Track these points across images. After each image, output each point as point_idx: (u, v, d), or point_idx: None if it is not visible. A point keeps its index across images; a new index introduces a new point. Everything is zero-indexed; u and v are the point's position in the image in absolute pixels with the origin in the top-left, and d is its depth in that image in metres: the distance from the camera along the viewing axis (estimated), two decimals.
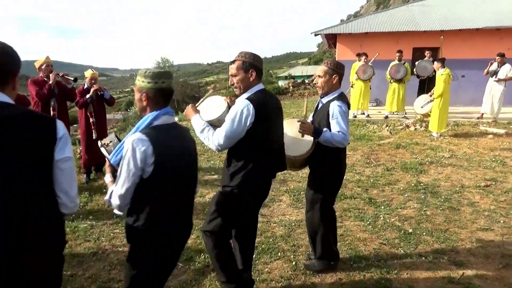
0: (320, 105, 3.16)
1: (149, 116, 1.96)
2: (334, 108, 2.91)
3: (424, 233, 3.91)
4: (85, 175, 5.89)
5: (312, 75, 32.44)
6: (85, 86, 5.80)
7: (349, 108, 3.03)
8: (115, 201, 1.94)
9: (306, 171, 6.03)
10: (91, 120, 5.71)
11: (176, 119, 13.31)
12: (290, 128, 3.06)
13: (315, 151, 2.97)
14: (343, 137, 2.85)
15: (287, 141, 2.95)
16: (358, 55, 10.93)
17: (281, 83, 37.25)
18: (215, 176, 5.97)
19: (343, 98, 3.00)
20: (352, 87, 11.07)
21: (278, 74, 73.98)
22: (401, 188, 5.24)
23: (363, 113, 10.92)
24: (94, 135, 5.66)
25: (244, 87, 2.55)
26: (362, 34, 13.47)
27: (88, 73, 5.87)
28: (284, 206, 4.72)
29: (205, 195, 5.15)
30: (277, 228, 4.11)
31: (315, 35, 14.36)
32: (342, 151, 3.10)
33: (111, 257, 3.60)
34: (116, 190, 1.93)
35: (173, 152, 1.95)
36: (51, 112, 5.15)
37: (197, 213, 4.53)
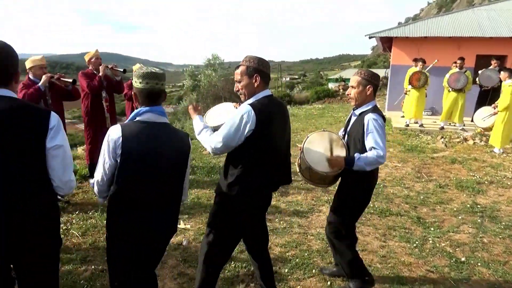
0: (353, 118, 2.89)
1: (134, 112, 2.07)
2: (370, 121, 2.65)
3: (479, 264, 3.49)
4: None
5: None
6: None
7: (384, 121, 2.75)
8: (94, 187, 2.08)
9: None
10: None
11: None
12: (321, 141, 2.84)
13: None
14: (377, 155, 2.58)
15: (317, 156, 2.77)
16: (415, 60, 10.34)
17: (331, 85, 36.47)
18: None
19: (378, 111, 2.74)
20: (406, 94, 10.49)
21: (329, 76, 72.67)
22: (455, 209, 4.78)
23: (416, 122, 10.29)
24: None
25: (248, 93, 2.39)
26: (420, 38, 12.71)
27: (136, 67, 5.92)
28: (324, 218, 4.44)
29: None
30: (314, 241, 3.86)
31: (370, 37, 13.78)
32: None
33: None
34: (95, 175, 2.04)
35: (143, 148, 1.96)
36: (104, 104, 5.25)
37: None
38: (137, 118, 2.03)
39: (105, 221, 4.10)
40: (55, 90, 4.54)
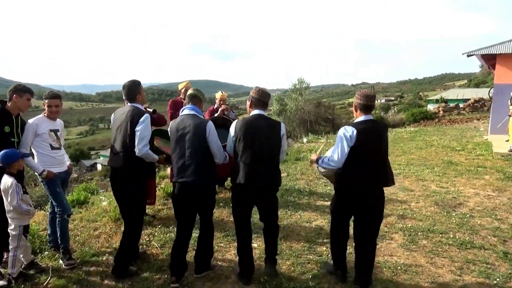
0: None
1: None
2: (338, 132, 3.26)
3: None
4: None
5: (469, 99, 28.83)
6: (215, 106, 6.37)
7: (360, 133, 3.12)
8: None
9: (431, 208, 5.38)
10: None
11: (305, 140, 13.47)
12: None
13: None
14: (327, 158, 3.25)
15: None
16: None
17: (430, 106, 34.24)
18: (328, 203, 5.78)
19: (355, 125, 3.20)
20: (510, 115, 9.49)
21: (429, 97, 68.00)
22: None
23: None
24: None
25: (248, 112, 3.59)
26: None
27: (218, 94, 6.43)
28: (395, 246, 4.26)
29: (312, 221, 5.03)
30: (379, 269, 3.73)
31: (468, 56, 12.77)
32: (357, 169, 3.19)
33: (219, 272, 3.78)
34: None
35: (177, 127, 3.44)
36: None
37: (298, 239, 4.46)
38: (181, 113, 3.57)
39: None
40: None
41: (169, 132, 3.54)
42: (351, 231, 3.51)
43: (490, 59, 13.56)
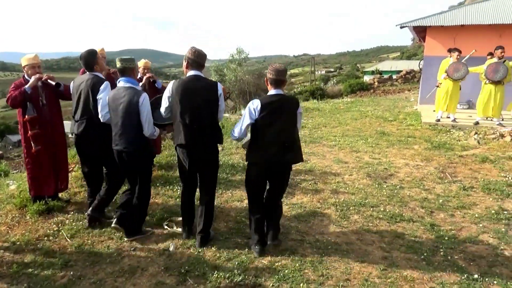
0: None
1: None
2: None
3: (495, 282, 3.03)
4: None
5: (401, 71, 30.08)
6: (139, 76, 5.75)
7: (265, 107, 3.18)
8: None
9: (364, 181, 5.33)
10: None
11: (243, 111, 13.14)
12: None
13: None
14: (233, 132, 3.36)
15: None
16: (450, 50, 9.61)
17: (366, 78, 35.42)
18: None
19: (264, 98, 3.26)
20: (438, 86, 9.80)
21: (366, 68, 70.59)
22: (477, 215, 4.27)
23: (449, 117, 9.58)
24: None
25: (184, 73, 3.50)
26: (457, 27, 11.83)
27: (141, 63, 5.80)
28: (326, 223, 4.11)
29: (244, 199, 4.74)
30: (310, 250, 3.54)
31: (401, 27, 13.02)
32: (261, 143, 3.25)
33: (124, 262, 3.38)
34: None
35: (112, 99, 3.55)
36: None
37: (227, 221, 4.16)
38: (117, 84, 3.60)
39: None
40: (49, 90, 4.38)
41: (107, 102, 3.65)
42: None
43: (421, 32, 13.96)
